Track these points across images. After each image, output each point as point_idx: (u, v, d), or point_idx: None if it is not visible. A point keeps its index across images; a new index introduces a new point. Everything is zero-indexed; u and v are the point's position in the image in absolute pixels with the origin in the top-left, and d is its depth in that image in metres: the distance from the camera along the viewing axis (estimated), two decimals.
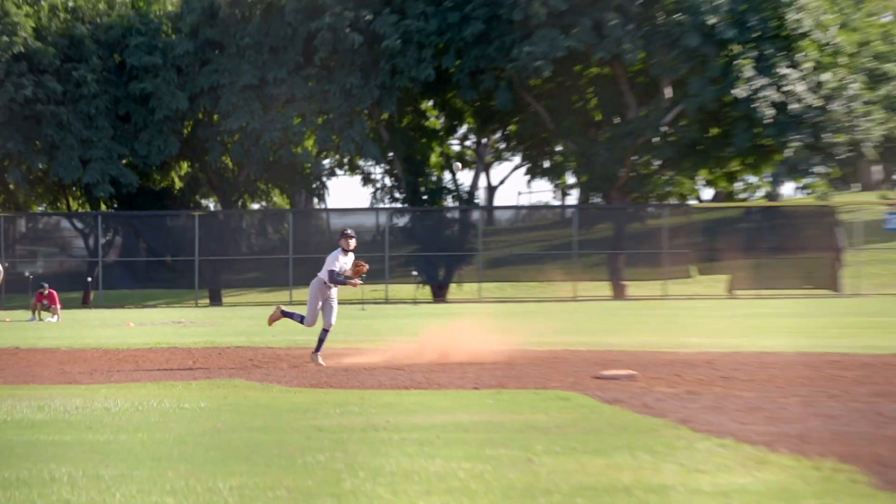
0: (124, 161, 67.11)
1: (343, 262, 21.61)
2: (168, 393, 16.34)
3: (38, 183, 72.98)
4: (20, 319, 42.84)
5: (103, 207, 69.94)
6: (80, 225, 71.01)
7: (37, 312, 43.27)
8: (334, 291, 21.77)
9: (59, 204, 77.56)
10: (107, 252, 67.81)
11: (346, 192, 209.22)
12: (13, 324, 39.07)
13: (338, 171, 76.14)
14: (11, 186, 70.37)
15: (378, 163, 70.61)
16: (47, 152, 66.19)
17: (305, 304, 22.15)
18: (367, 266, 21.91)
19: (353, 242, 21.65)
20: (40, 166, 67.45)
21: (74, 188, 71.92)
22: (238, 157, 69.06)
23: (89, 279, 63.16)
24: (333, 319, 21.83)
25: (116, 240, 69.62)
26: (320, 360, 21.62)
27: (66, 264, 72.02)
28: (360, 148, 67.28)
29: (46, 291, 43.47)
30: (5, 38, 64.86)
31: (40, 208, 79.57)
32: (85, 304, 61.66)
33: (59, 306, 43.85)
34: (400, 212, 69.24)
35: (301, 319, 21.79)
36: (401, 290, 64.56)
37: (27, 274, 61.49)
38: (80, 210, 74.70)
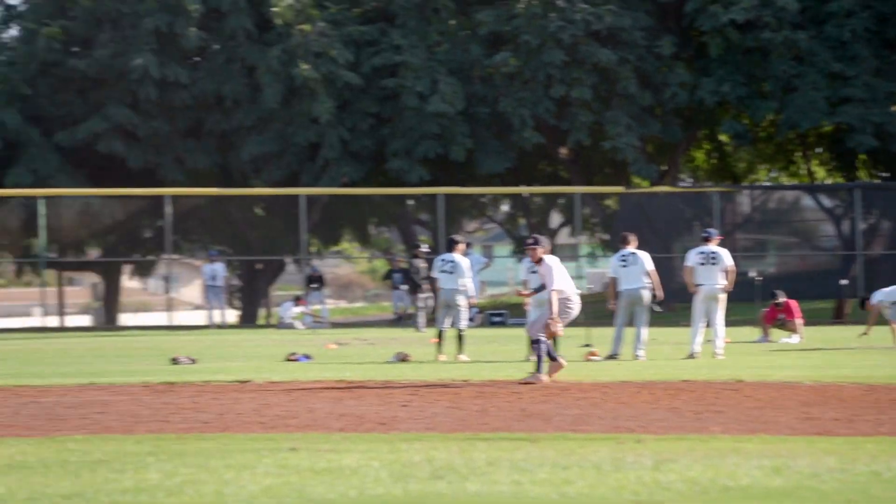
0: (895, 107, 37.95)
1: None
2: None
3: (764, 140, 45.41)
4: (745, 340, 28.15)
5: (861, 175, 40.84)
6: (826, 202, 42.93)
7: (768, 331, 28.73)
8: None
9: (792, 169, 49.37)
10: (870, 241, 39.79)
11: None
12: (734, 346, 25.08)
13: None
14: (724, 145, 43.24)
15: None
16: (777, 96, 38.56)
17: None
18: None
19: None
20: (767, 117, 39.83)
21: (817, 148, 43.76)
22: None
23: (843, 282, 36.79)
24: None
25: (883, 224, 41.44)
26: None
27: (809, 260, 44.83)
28: None
29: (782, 302, 28.49)
30: None
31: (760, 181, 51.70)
32: (838, 317, 36.32)
33: (800, 321, 28.28)
34: None
35: None
36: None
37: (752, 275, 36.96)
38: (825, 181, 46.35)
